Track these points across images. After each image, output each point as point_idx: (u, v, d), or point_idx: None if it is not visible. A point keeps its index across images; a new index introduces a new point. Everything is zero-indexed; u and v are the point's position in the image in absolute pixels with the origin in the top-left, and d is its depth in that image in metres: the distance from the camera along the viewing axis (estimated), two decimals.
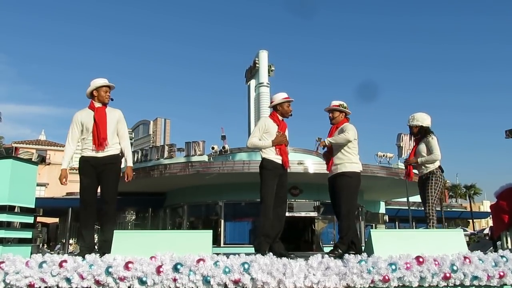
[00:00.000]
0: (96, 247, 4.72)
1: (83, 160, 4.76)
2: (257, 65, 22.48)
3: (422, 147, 5.81)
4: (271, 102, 5.30)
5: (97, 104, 4.84)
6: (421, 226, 30.07)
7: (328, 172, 5.27)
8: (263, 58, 22.63)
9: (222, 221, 20.06)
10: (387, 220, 28.67)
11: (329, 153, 5.28)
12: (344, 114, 5.30)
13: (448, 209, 41.92)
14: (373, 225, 27.00)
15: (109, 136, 4.79)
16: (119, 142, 4.90)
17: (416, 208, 32.76)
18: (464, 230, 36.72)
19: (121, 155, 4.92)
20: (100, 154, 4.75)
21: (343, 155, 5.11)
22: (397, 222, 32.00)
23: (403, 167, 6.66)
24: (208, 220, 20.99)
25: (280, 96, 5.25)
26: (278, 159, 5.05)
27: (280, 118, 5.19)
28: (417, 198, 34.47)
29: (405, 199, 23.82)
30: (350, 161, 5.10)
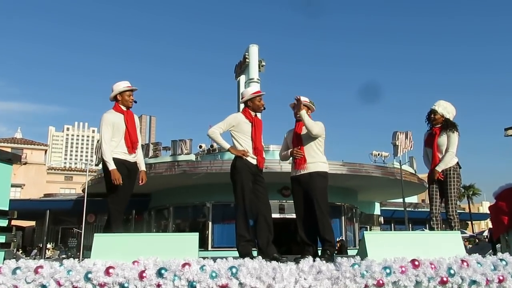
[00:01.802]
0: None
1: (118, 162, 4.90)
2: (247, 60, 22.49)
3: (444, 140, 5.65)
4: (241, 98, 5.27)
5: (123, 108, 5.03)
6: (418, 228, 30.31)
7: (298, 169, 5.10)
8: (254, 52, 22.65)
9: (210, 223, 20.04)
10: (382, 222, 28.88)
11: (295, 150, 5.15)
12: (310, 111, 5.27)
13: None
14: (368, 227, 27.18)
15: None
16: None
17: (412, 209, 33.05)
18: (463, 232, 37.08)
19: None
20: (132, 158, 5.01)
21: (316, 153, 5.08)
22: (392, 224, 32.20)
23: (399, 167, 6.65)
24: (195, 222, 20.95)
25: (250, 91, 5.23)
26: (252, 159, 4.99)
27: (253, 114, 5.13)
28: (413, 199, 34.84)
29: (401, 200, 24.01)
30: (322, 160, 5.10)
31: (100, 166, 27.04)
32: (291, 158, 5.23)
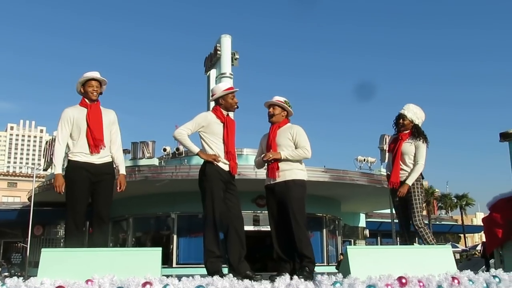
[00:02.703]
0: None
1: (76, 166, 4.79)
2: (218, 52, 22.45)
3: (411, 148, 5.79)
4: (212, 95, 5.25)
5: (88, 101, 4.95)
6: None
7: (270, 178, 5.13)
8: (226, 44, 22.64)
9: (175, 236, 19.91)
10: (368, 235, 29.17)
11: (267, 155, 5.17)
12: (286, 113, 5.31)
13: (437, 222, 43.07)
14: (352, 240, 27.43)
15: (105, 138, 4.91)
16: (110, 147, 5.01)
17: None
18: (454, 246, 37.78)
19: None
20: (97, 160, 4.85)
21: (293, 161, 5.12)
22: (379, 238, 32.59)
23: (385, 174, 6.75)
24: (158, 235, 20.78)
25: (222, 87, 5.21)
26: (224, 164, 4.98)
27: (225, 113, 5.11)
28: None
29: (388, 211, 24.29)
30: (299, 167, 5.13)
31: (49, 171, 26.58)
32: (266, 165, 5.26)
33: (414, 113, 5.87)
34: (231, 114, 5.33)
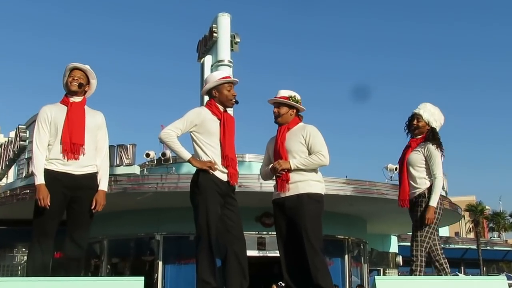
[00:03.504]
0: None
1: (50, 176, 4.81)
2: (214, 34, 22.50)
3: (418, 158, 5.85)
4: (204, 85, 5.23)
5: (73, 99, 4.97)
6: (452, 271, 30.58)
7: (279, 192, 5.15)
8: (224, 24, 22.68)
9: (160, 263, 19.92)
10: (401, 263, 29.09)
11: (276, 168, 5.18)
12: (295, 110, 5.32)
13: (488, 248, 42.96)
14: (381, 269, 27.36)
15: (87, 144, 4.92)
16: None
17: (442, 245, 33.36)
18: (510, 278, 37.58)
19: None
20: (77, 170, 4.87)
21: (306, 170, 5.12)
22: None
23: None
24: (140, 262, 20.79)
25: (217, 76, 5.22)
26: (221, 173, 4.95)
27: (221, 108, 5.09)
28: (443, 231, 35.20)
29: None
30: (315, 178, 5.14)
31: (4, 180, 26.60)
32: (274, 177, 5.25)
33: (432, 114, 5.90)
34: (230, 111, 5.33)
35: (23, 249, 25.36)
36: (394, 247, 29.08)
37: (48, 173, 4.81)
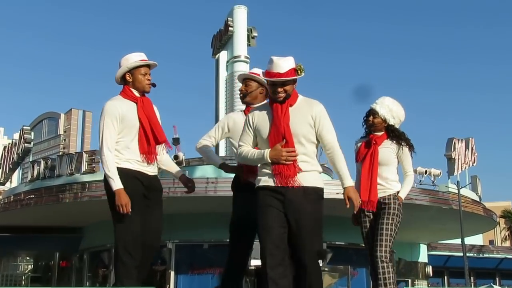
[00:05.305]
0: None
1: (130, 176, 4.75)
2: (230, 28, 22.50)
3: (389, 155, 5.73)
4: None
5: (136, 93, 4.91)
6: (484, 282, 30.31)
7: (282, 183, 4.42)
8: (240, 18, 22.68)
9: (172, 273, 19.94)
10: (431, 274, 28.90)
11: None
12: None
13: None
14: (409, 281, 27.16)
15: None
16: None
17: (475, 254, 33.05)
18: None
19: None
20: (150, 170, 4.86)
21: (312, 157, 4.52)
22: (446, 277, 32.24)
23: (456, 191, 6.67)
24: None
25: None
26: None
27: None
28: (477, 240, 34.90)
29: (458, 241, 24.04)
30: (319, 169, 4.58)
31: (8, 185, 26.75)
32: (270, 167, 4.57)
33: (389, 110, 5.73)
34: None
35: (27, 258, 25.51)
36: (423, 257, 28.86)
37: (126, 172, 4.73)
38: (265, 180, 4.49)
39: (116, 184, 4.64)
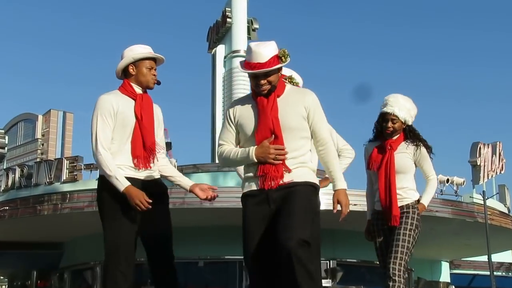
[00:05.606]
0: None
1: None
2: (228, 20, 22.53)
3: (406, 162, 5.71)
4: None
5: (137, 89, 4.83)
6: None
7: (271, 183, 4.31)
8: (239, 8, 22.72)
9: None
10: None
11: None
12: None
13: None
14: None
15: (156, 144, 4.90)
16: None
17: (504, 273, 32.97)
18: None
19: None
20: (142, 174, 4.76)
21: (300, 154, 4.39)
22: None
23: (481, 202, 6.65)
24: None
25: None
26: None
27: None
28: (506, 257, 34.84)
29: (485, 259, 23.98)
30: (313, 167, 4.51)
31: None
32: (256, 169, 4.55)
33: (407, 110, 5.67)
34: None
35: (1, 277, 25.57)
36: (445, 276, 28.89)
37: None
38: (249, 186, 4.41)
39: (122, 183, 4.53)
